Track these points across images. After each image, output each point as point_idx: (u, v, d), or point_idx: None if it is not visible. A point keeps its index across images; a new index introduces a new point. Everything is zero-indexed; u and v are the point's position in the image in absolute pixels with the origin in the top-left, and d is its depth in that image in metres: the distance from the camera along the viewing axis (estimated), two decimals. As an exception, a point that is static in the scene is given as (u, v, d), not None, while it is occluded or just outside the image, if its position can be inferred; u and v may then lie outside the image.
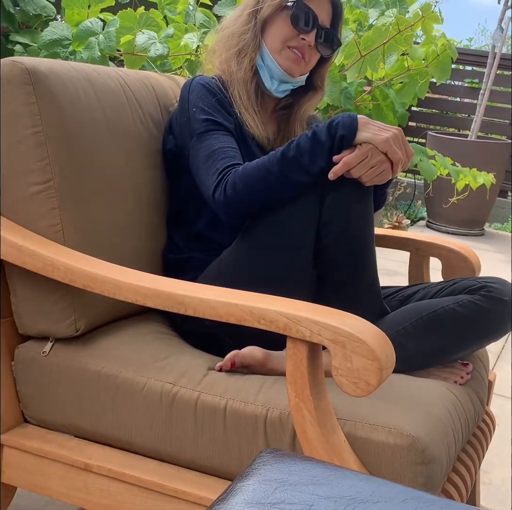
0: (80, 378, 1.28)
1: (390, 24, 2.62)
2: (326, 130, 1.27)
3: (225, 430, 1.17)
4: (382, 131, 1.27)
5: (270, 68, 1.49)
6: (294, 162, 1.27)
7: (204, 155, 1.38)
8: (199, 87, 1.45)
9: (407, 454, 1.08)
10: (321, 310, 1.07)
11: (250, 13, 1.50)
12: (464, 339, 1.34)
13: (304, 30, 1.46)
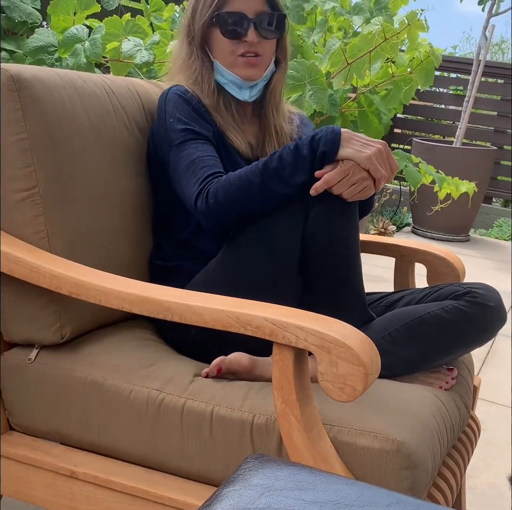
0: (65, 385, 1.27)
1: (376, 32, 2.64)
2: (308, 144, 1.26)
3: (211, 436, 1.17)
4: (365, 148, 1.26)
5: (234, 82, 1.49)
6: (275, 174, 1.27)
7: (183, 165, 1.38)
8: (175, 97, 1.45)
9: (392, 458, 1.08)
10: (307, 316, 1.08)
11: (188, 42, 1.50)
12: (450, 344, 1.35)
13: (241, 35, 1.45)
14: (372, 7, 2.92)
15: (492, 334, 1.37)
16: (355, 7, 2.90)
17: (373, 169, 1.26)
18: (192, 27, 1.49)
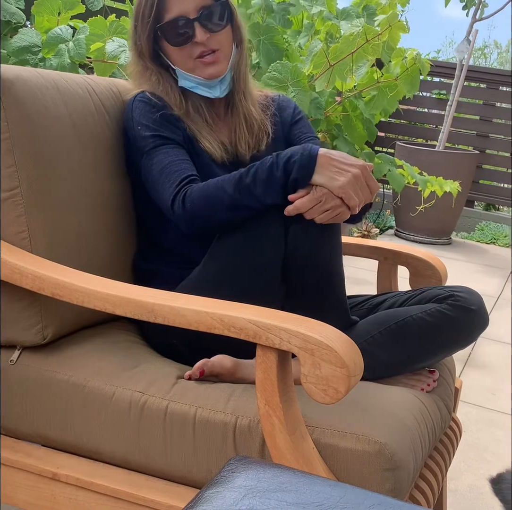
0: (48, 386, 1.27)
1: (357, 34, 2.65)
2: (283, 167, 1.25)
3: (194, 438, 1.17)
4: (340, 175, 1.24)
5: (202, 83, 1.46)
6: (248, 190, 1.26)
7: (156, 171, 1.37)
8: (141, 104, 1.43)
9: (375, 460, 1.09)
10: (291, 318, 1.08)
11: (140, 58, 1.47)
12: (432, 347, 1.36)
13: (189, 39, 1.41)
14: (360, 12, 2.93)
15: (474, 337, 1.38)
16: (343, 12, 2.91)
17: (346, 197, 1.24)
18: (139, 43, 1.46)
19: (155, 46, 1.46)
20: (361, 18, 2.75)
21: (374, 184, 1.27)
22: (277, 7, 2.92)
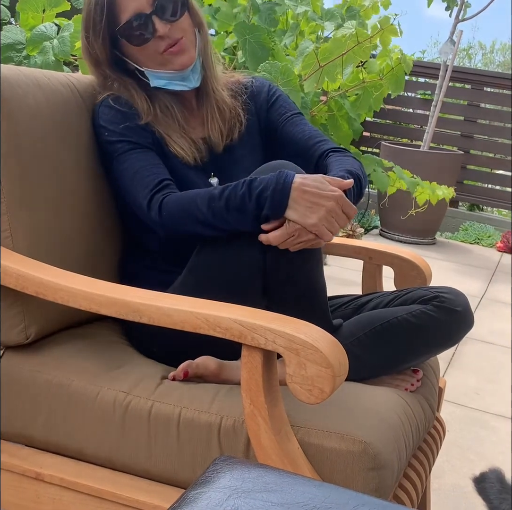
0: (31, 386, 1.26)
1: (349, 36, 2.65)
2: (255, 200, 1.21)
3: (179, 438, 1.17)
4: (313, 211, 1.20)
5: (176, 78, 1.42)
6: (220, 213, 1.23)
7: (128, 177, 1.35)
8: (107, 110, 1.40)
9: (359, 460, 1.09)
10: (276, 318, 1.08)
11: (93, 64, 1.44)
12: (417, 348, 1.36)
13: (151, 34, 1.37)
14: (344, 13, 2.94)
15: (459, 338, 1.39)
16: (327, 13, 2.92)
17: (320, 234, 1.21)
18: (94, 52, 1.41)
19: (113, 51, 1.42)
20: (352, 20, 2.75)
21: (351, 210, 1.24)
22: (263, 7, 2.92)
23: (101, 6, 1.36)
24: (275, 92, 1.59)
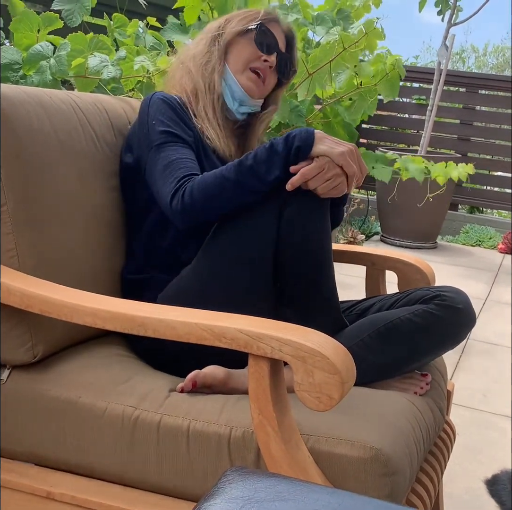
0: (39, 404, 1.26)
1: (335, 42, 2.67)
2: (283, 142, 1.30)
3: (189, 451, 1.17)
4: (338, 146, 1.30)
5: (231, 88, 1.54)
6: (250, 171, 1.29)
7: (161, 165, 1.39)
8: (159, 101, 1.48)
9: (370, 466, 1.09)
10: (281, 326, 1.08)
11: (213, 37, 1.56)
12: (421, 347, 1.36)
13: (267, 51, 1.53)
14: (334, 16, 2.95)
15: (463, 336, 1.39)
16: (317, 18, 2.93)
17: (346, 165, 1.30)
18: (223, 28, 1.56)
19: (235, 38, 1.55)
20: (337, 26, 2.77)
21: (364, 165, 1.34)
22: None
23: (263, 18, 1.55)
24: None
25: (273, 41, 1.55)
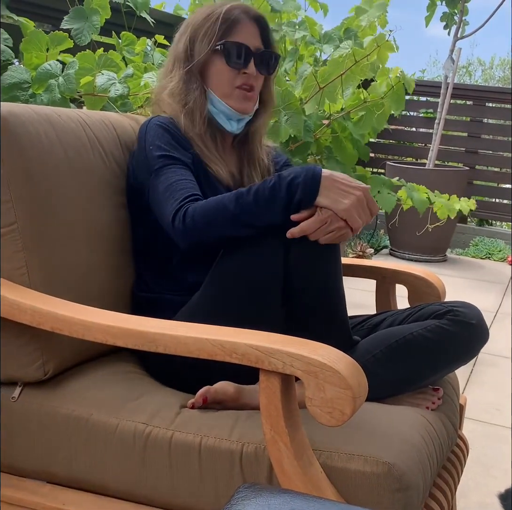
0: (50, 422, 1.26)
1: (346, 56, 2.68)
2: (286, 187, 1.25)
3: (201, 468, 1.16)
4: (344, 197, 1.25)
5: (225, 113, 1.52)
6: (249, 208, 1.26)
7: (162, 188, 1.38)
8: (156, 127, 1.47)
9: (384, 481, 1.08)
10: (292, 341, 1.08)
11: (184, 68, 1.51)
12: (433, 363, 1.35)
13: (243, 65, 1.49)
14: (342, 35, 2.97)
15: (476, 351, 1.38)
16: (325, 36, 2.95)
17: (350, 220, 1.25)
18: (191, 53, 1.51)
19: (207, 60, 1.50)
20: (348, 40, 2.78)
21: (374, 206, 1.29)
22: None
23: (224, 19, 1.48)
24: (290, 163, 1.73)
25: (244, 49, 1.48)
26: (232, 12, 1.49)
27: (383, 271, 1.72)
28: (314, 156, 3.28)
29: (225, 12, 1.48)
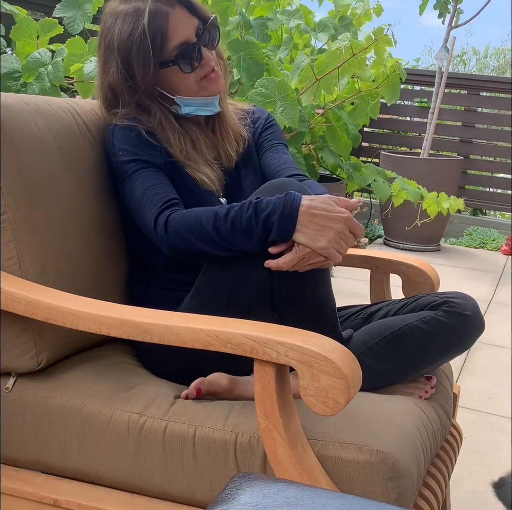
0: (44, 412, 1.26)
1: (344, 48, 2.67)
2: (262, 223, 1.19)
3: (195, 458, 1.16)
4: (322, 234, 1.18)
5: (202, 105, 1.46)
6: (226, 235, 1.22)
7: (138, 194, 1.36)
8: (122, 130, 1.42)
9: (378, 470, 1.08)
10: (287, 331, 1.08)
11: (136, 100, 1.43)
12: (429, 355, 1.35)
13: (198, 62, 1.41)
14: (336, 24, 2.96)
15: (471, 342, 1.38)
16: (319, 24, 2.94)
17: (329, 255, 1.20)
18: (133, 79, 1.40)
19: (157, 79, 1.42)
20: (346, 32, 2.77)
21: (358, 230, 1.22)
22: (255, 23, 2.94)
23: (151, 35, 1.36)
24: (272, 121, 1.65)
25: (189, 48, 1.39)
26: (155, 19, 1.36)
27: (377, 260, 1.71)
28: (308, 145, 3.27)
29: (149, 26, 1.36)
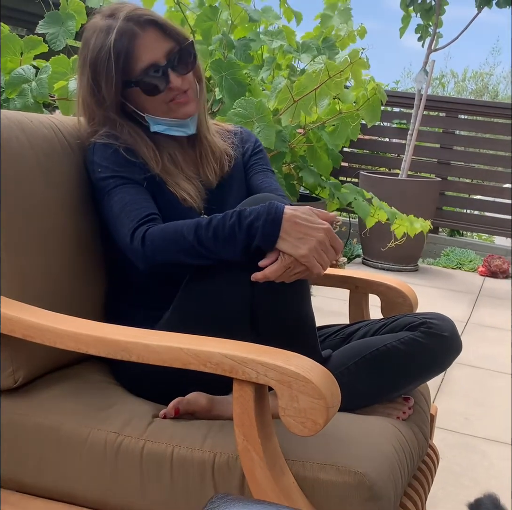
0: (21, 431, 1.24)
1: (320, 70, 2.70)
2: (246, 230, 1.21)
3: (172, 477, 1.15)
4: (304, 242, 1.21)
5: (174, 125, 1.46)
6: (208, 243, 1.23)
7: (117, 209, 1.35)
8: (102, 147, 1.42)
9: (356, 491, 1.08)
10: (267, 351, 1.08)
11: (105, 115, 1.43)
12: (407, 375, 1.36)
13: (164, 86, 1.41)
14: (320, 45, 2.99)
15: (448, 363, 1.39)
16: (303, 45, 2.97)
17: (310, 265, 1.22)
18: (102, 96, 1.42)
19: (125, 96, 1.43)
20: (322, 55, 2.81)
21: (338, 244, 1.25)
22: (237, 43, 2.96)
23: (116, 54, 1.37)
24: (260, 146, 1.67)
25: (156, 70, 1.39)
26: (122, 38, 1.37)
27: (356, 280, 1.72)
28: (289, 165, 3.29)
29: (115, 44, 1.37)
